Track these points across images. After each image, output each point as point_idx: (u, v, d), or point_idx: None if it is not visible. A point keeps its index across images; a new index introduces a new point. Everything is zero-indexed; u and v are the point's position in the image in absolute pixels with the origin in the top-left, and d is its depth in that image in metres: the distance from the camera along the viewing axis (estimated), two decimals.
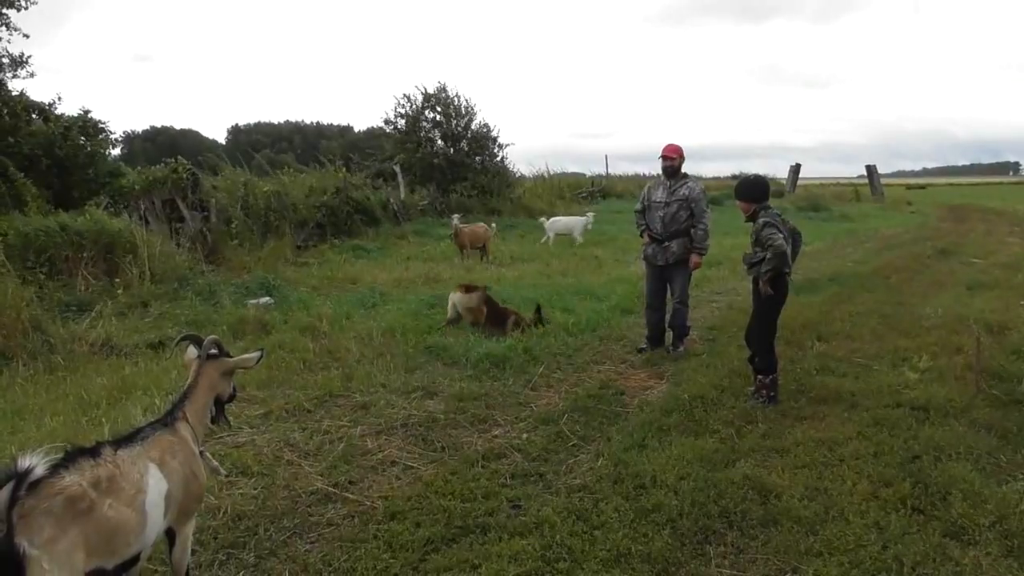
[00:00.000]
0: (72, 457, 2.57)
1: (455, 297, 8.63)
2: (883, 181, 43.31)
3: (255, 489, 4.49)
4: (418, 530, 3.94)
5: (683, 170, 7.56)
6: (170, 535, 3.01)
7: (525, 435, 5.36)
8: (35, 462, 2.36)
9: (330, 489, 4.51)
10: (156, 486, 2.78)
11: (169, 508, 2.85)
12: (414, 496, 4.36)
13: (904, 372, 6.50)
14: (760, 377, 6.00)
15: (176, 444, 2.99)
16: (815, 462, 4.70)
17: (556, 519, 4.00)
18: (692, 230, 7.40)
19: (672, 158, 7.47)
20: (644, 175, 38.20)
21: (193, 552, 3.66)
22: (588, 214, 19.00)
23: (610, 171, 39.21)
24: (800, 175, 41.33)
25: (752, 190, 6.12)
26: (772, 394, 5.93)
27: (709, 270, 13.04)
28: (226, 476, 4.53)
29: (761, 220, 5.91)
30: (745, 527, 3.95)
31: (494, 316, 8.49)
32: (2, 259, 8.41)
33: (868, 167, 41.65)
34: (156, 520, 2.77)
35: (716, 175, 54.20)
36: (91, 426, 5.31)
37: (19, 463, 2.34)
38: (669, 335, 7.75)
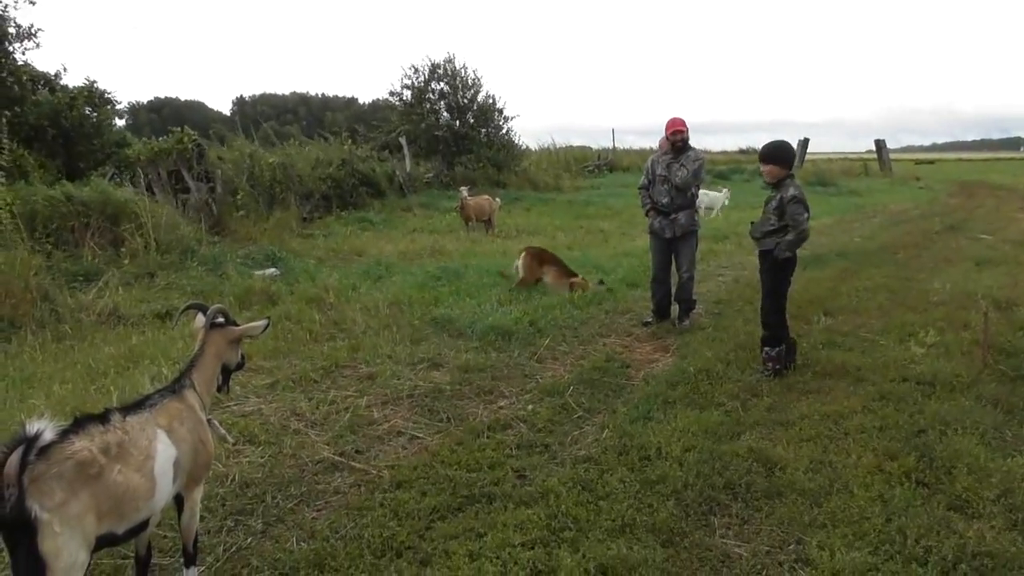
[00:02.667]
0: (81, 423, 2.58)
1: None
2: (892, 156, 42.95)
3: (262, 457, 4.52)
4: (424, 499, 3.97)
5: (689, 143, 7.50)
6: (179, 501, 3.04)
7: (531, 407, 5.38)
8: (44, 427, 2.37)
9: (337, 458, 4.55)
10: (165, 452, 2.80)
11: (177, 475, 2.87)
12: (420, 465, 4.38)
13: (911, 347, 6.47)
14: (767, 349, 5.95)
15: (184, 411, 3.00)
16: (820, 435, 4.71)
17: (561, 489, 4.02)
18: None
19: (681, 131, 7.40)
20: (651, 149, 37.96)
21: (202, 518, 3.70)
22: (724, 190, 19.19)
23: (616, 144, 38.95)
24: (808, 149, 40.98)
25: (785, 154, 5.90)
26: (777, 367, 5.90)
27: (716, 244, 13.05)
28: (233, 444, 4.57)
29: (791, 191, 5.71)
30: (750, 499, 3.96)
31: (559, 274, 9.21)
32: (16, 225, 8.41)
33: (877, 142, 41.30)
34: (165, 486, 2.79)
35: (723, 149, 53.78)
36: (99, 394, 5.35)
37: (28, 428, 2.35)
38: (675, 308, 7.75)
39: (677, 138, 7.41)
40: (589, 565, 3.29)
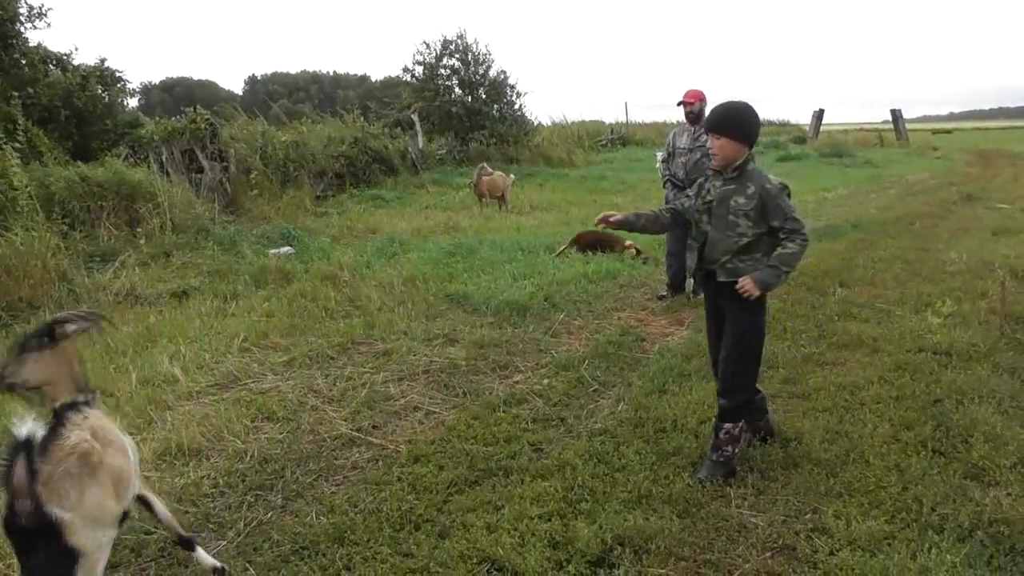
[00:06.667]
0: (61, 415, 2.54)
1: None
2: (908, 126, 42.36)
3: (281, 434, 4.57)
4: (441, 473, 4.00)
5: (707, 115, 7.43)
6: (143, 501, 2.90)
7: (546, 381, 5.39)
8: (33, 427, 2.36)
9: (354, 433, 4.59)
10: (127, 439, 2.79)
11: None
12: (437, 440, 4.42)
13: (927, 317, 6.43)
14: (727, 427, 3.86)
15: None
16: (836, 406, 4.71)
17: (578, 462, 4.04)
18: None
19: (691, 103, 7.35)
20: (664, 122, 37.69)
21: (222, 494, 3.77)
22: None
23: (629, 118, 38.68)
24: (823, 120, 40.50)
25: (743, 120, 3.72)
26: (736, 451, 3.92)
27: None
28: None
29: (775, 181, 3.73)
30: (766, 469, 3.97)
31: (601, 243, 9.72)
32: (33, 206, 8.47)
33: (893, 111, 40.81)
34: (136, 471, 2.77)
35: None
36: (118, 373, 5.41)
37: (18, 433, 2.32)
38: (690, 282, 7.73)
39: (687, 110, 7.38)
40: (606, 536, 3.32)
